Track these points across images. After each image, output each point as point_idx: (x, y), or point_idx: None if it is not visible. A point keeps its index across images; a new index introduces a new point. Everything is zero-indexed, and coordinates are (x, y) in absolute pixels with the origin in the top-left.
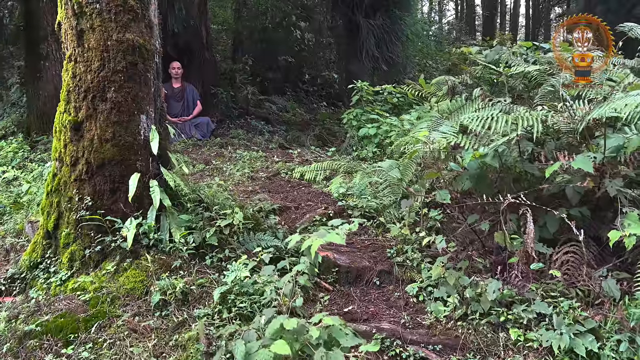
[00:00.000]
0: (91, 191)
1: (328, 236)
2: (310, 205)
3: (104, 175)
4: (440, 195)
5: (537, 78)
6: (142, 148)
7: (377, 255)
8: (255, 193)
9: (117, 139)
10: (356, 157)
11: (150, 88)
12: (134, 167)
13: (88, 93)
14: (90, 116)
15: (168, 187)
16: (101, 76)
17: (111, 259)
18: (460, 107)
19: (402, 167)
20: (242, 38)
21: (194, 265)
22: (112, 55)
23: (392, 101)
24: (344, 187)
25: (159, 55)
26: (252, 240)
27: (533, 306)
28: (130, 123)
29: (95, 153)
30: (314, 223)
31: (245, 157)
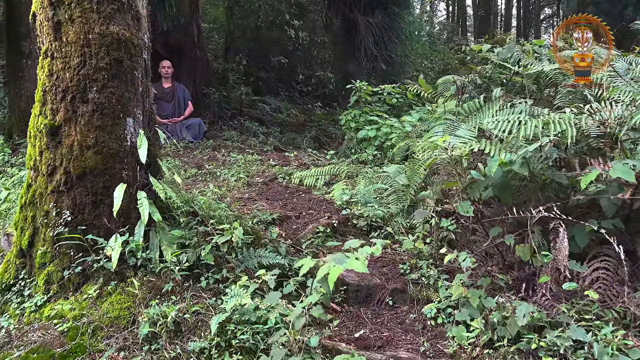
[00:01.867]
0: (71, 204)
1: (348, 262)
2: (311, 214)
3: (85, 186)
4: (462, 208)
5: (553, 78)
6: (128, 155)
7: (388, 272)
8: (252, 200)
9: (100, 146)
10: (355, 160)
11: (138, 88)
12: (120, 177)
13: (67, 93)
14: (69, 120)
15: (158, 199)
16: (81, 74)
17: (93, 281)
18: (478, 109)
19: (410, 172)
20: (234, 37)
21: (187, 288)
22: (94, 50)
23: (390, 102)
24: (348, 194)
25: (147, 51)
26: (252, 257)
27: (568, 332)
28: (114, 127)
29: (75, 161)
30: (317, 234)
31: (239, 160)
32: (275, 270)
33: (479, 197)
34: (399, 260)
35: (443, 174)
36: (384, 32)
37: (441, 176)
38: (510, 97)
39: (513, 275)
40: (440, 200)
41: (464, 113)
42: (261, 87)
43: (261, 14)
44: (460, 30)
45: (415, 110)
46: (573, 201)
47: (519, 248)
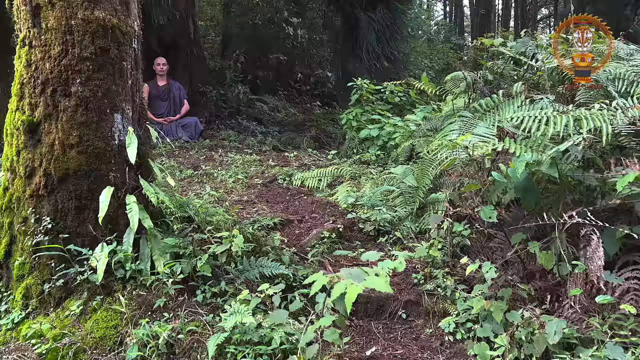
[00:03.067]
0: (51, 210)
1: (368, 280)
2: (315, 218)
3: (68, 189)
4: (485, 213)
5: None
6: (116, 155)
7: (400, 281)
8: (251, 204)
9: (85, 144)
10: (358, 161)
11: (127, 80)
12: (106, 180)
13: (46, 86)
14: (50, 115)
15: (149, 204)
16: (63, 65)
17: (77, 296)
18: (497, 106)
19: (418, 173)
20: (231, 35)
21: (182, 304)
22: (78, 38)
23: (393, 101)
24: (353, 196)
25: (137, 40)
26: (253, 267)
27: (605, 350)
28: (100, 124)
29: (57, 162)
30: (322, 240)
31: (237, 161)
32: (279, 285)
33: (497, 201)
34: (412, 268)
35: (455, 175)
36: (386, 28)
37: (452, 178)
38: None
39: (535, 285)
40: (452, 203)
41: (481, 110)
42: (259, 85)
43: (258, 12)
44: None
45: (419, 109)
46: (602, 205)
47: (541, 255)
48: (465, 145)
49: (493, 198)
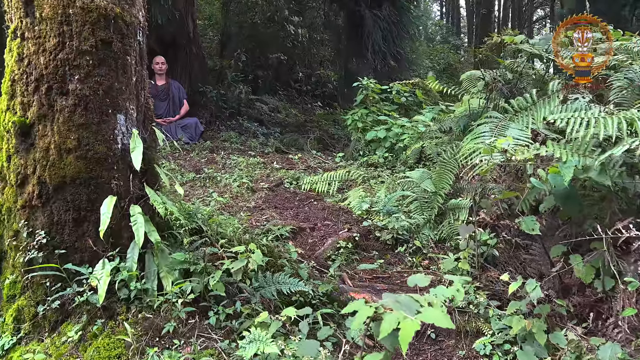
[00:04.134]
0: (46, 222)
1: (424, 314)
2: (328, 226)
3: (65, 199)
4: (526, 225)
5: None
6: (118, 161)
7: None
8: (259, 210)
9: (84, 149)
10: (364, 163)
11: (131, 77)
12: (108, 188)
13: (41, 83)
14: (45, 116)
15: (156, 215)
16: (60, 59)
17: (75, 319)
18: (531, 106)
19: (436, 177)
20: (230, 34)
21: (193, 328)
22: (76, 29)
23: (399, 101)
24: (367, 202)
25: (143, 32)
26: (270, 283)
27: None
28: (101, 126)
29: (52, 169)
30: (338, 250)
31: (241, 163)
32: (305, 309)
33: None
34: (437, 281)
35: (475, 180)
36: (392, 26)
37: (473, 183)
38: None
39: (573, 301)
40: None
41: (512, 110)
42: (259, 85)
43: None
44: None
45: (427, 110)
46: None
47: (578, 269)
48: (505, 149)
49: (524, 206)
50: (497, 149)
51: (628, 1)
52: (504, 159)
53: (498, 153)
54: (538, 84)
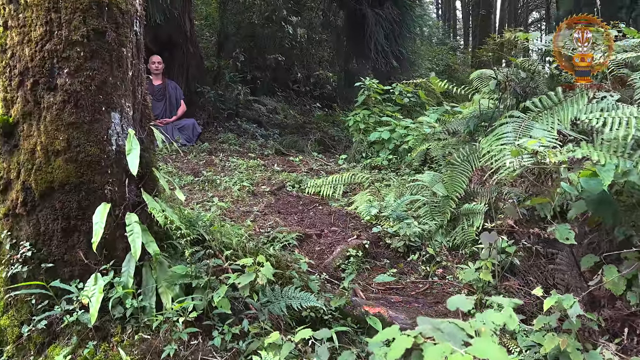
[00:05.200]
0: (32, 233)
1: (475, 348)
2: (335, 232)
3: (53, 207)
4: (560, 233)
5: None
6: (113, 164)
7: (445, 309)
8: (262, 215)
9: (74, 151)
10: (368, 166)
11: (127, 71)
12: (101, 195)
13: (26, 77)
14: (30, 114)
15: (154, 223)
16: (47, 50)
17: (63, 341)
18: (556, 104)
19: (448, 181)
20: (228, 33)
21: (196, 351)
22: (65, 16)
23: (401, 102)
24: (375, 207)
25: (140, 22)
26: (279, 297)
27: None
28: (94, 125)
29: (39, 173)
30: (348, 259)
31: (240, 166)
32: (322, 331)
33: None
34: (455, 293)
35: (490, 184)
36: (395, 25)
37: (486, 186)
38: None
39: (603, 315)
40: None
41: (535, 109)
42: (257, 86)
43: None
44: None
45: (431, 110)
46: None
47: (609, 280)
48: (535, 150)
49: (547, 211)
50: (526, 150)
51: (625, 3)
52: (534, 161)
53: (527, 155)
54: (553, 82)
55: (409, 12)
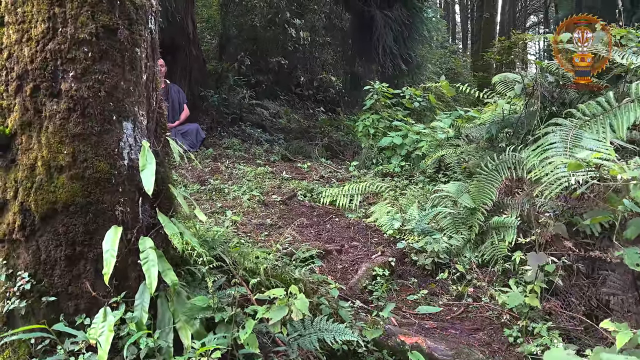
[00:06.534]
0: (31, 261)
1: None
2: (356, 247)
3: (56, 232)
4: (630, 259)
5: None
6: (125, 181)
7: (487, 338)
8: (276, 228)
9: (80, 166)
10: (379, 173)
11: (141, 74)
12: (111, 216)
13: (25, 82)
14: (29, 124)
15: (170, 247)
16: (50, 51)
17: None
18: (607, 111)
19: (474, 192)
20: (229, 36)
21: None
22: (71, 11)
23: (410, 106)
24: (398, 219)
25: (155, 18)
26: (309, 330)
27: None
28: (103, 137)
29: (40, 192)
30: (375, 279)
31: (248, 173)
32: None
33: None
34: (495, 317)
35: (522, 196)
36: (404, 28)
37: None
38: None
39: None
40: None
41: (582, 117)
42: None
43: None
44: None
45: (445, 115)
46: None
47: None
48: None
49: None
50: (589, 164)
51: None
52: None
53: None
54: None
55: (418, 14)
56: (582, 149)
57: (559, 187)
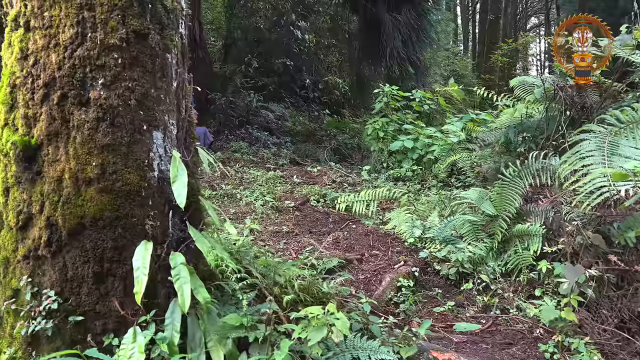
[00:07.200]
0: (57, 279)
1: None
2: (377, 256)
3: (83, 247)
4: None
5: None
6: (154, 194)
7: (521, 353)
8: (293, 235)
9: (109, 179)
10: (390, 177)
11: (171, 82)
12: (141, 231)
13: (52, 90)
14: (57, 134)
15: (200, 262)
16: (78, 57)
17: None
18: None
19: (496, 199)
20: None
21: None
22: (101, 15)
23: (419, 109)
24: (418, 227)
25: (185, 23)
26: (343, 348)
27: None
28: (133, 147)
29: (67, 206)
30: (400, 291)
31: (259, 178)
32: None
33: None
34: (527, 331)
35: (545, 204)
36: (412, 31)
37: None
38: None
39: None
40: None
41: (616, 123)
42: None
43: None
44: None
45: (456, 119)
46: None
47: None
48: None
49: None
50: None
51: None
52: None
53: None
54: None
55: (427, 16)
56: (620, 157)
57: (600, 197)
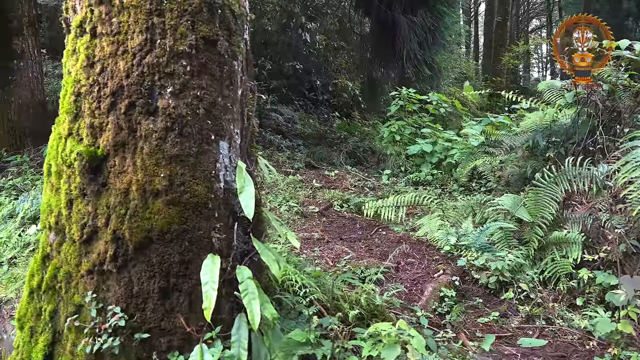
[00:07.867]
0: (123, 294)
1: None
2: (412, 264)
3: (149, 262)
4: None
5: None
6: (220, 205)
7: None
8: (324, 242)
9: (177, 191)
10: (409, 181)
11: (237, 89)
12: (207, 244)
13: (119, 98)
14: (124, 145)
15: (263, 275)
16: (147, 64)
17: None
18: None
19: (531, 205)
20: None
21: None
22: (170, 21)
23: (435, 112)
24: (453, 234)
25: (248, 28)
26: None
27: None
28: (200, 158)
29: (134, 219)
30: (443, 301)
31: (279, 182)
32: None
33: None
34: (579, 344)
35: (582, 210)
36: (428, 33)
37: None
38: None
39: None
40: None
41: None
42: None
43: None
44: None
45: (473, 122)
46: None
47: None
48: None
49: None
50: None
51: (632, 11)
52: None
53: None
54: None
55: (443, 19)
56: None
57: None
